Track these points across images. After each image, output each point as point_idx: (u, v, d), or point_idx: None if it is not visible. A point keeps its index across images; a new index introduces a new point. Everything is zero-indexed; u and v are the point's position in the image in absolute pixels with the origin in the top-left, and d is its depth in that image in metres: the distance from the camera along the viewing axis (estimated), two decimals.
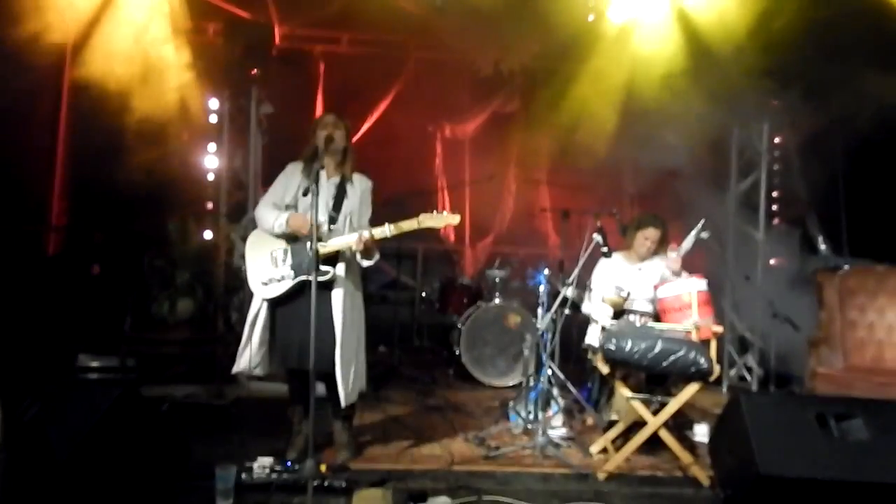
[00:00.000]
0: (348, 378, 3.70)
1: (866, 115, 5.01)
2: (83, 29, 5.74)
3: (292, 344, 3.65)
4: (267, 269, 3.74)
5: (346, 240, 3.67)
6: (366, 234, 3.61)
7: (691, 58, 5.77)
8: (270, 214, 3.76)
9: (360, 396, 3.93)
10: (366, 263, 3.80)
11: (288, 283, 3.68)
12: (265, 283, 3.73)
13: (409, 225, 3.64)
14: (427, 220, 3.63)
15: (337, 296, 3.71)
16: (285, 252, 3.73)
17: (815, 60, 5.27)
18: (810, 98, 5.47)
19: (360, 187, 3.86)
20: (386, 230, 3.64)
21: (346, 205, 3.80)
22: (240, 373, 3.85)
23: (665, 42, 6.00)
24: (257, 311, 3.77)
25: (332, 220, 3.75)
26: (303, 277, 3.61)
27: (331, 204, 3.76)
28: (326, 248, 3.65)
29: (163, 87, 5.86)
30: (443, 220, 3.63)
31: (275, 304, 3.76)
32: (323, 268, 3.62)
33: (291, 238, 3.73)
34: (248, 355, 3.74)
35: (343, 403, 3.73)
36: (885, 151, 5.67)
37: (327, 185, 3.79)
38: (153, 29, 5.97)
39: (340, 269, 3.73)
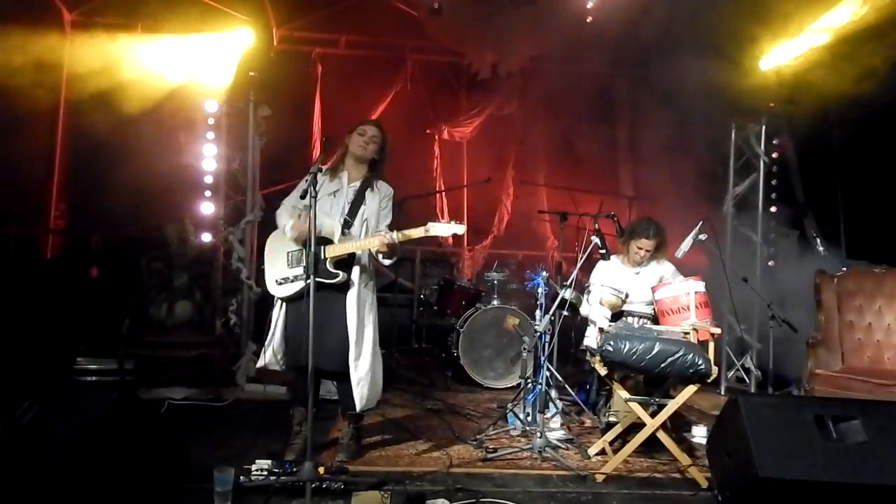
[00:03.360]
0: (365, 382, 3.78)
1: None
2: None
3: (303, 342, 3.66)
4: (282, 269, 3.84)
5: (363, 243, 3.73)
6: (394, 235, 3.65)
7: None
8: (283, 218, 3.88)
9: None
10: (387, 262, 3.89)
11: (300, 284, 3.73)
12: (279, 283, 3.83)
13: (416, 232, 3.70)
14: (434, 228, 3.67)
15: (351, 298, 3.78)
16: (300, 253, 3.80)
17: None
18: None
19: (381, 193, 3.91)
20: (395, 236, 3.67)
21: (364, 210, 3.84)
22: (263, 367, 3.95)
23: None
24: (277, 308, 3.89)
25: (348, 225, 3.79)
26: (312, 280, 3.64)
27: (346, 209, 3.81)
28: (335, 251, 3.69)
29: (161, 90, 5.86)
30: (449, 229, 3.67)
31: (289, 302, 3.85)
32: (334, 271, 3.69)
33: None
34: (271, 351, 3.87)
35: (358, 407, 3.79)
36: (882, 152, 5.68)
37: (346, 190, 3.86)
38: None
39: (355, 272, 3.79)
